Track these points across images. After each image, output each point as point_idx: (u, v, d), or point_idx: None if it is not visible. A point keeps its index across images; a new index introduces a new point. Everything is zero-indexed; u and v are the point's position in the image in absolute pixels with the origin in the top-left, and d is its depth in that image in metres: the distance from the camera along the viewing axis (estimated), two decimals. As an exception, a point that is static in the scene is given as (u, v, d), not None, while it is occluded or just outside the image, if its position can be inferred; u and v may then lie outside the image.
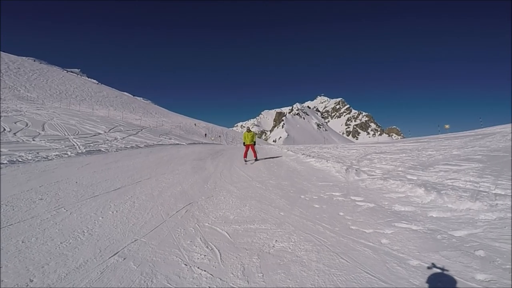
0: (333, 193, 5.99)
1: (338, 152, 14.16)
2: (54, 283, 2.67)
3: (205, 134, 43.45)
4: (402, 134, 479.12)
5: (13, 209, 4.62)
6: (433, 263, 2.91)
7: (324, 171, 8.75)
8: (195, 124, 40.13)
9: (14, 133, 14.62)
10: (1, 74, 50.70)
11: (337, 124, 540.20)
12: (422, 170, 7.25)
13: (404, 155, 10.50)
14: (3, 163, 8.35)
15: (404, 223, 4.04)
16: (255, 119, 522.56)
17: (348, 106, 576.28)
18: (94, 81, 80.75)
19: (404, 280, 2.68)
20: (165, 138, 24.98)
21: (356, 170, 7.94)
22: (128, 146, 15.92)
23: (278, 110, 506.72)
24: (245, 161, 11.96)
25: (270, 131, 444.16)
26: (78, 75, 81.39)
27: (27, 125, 17.77)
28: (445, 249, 3.18)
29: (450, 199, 4.68)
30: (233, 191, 6.55)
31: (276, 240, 3.69)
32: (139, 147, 16.65)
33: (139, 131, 25.30)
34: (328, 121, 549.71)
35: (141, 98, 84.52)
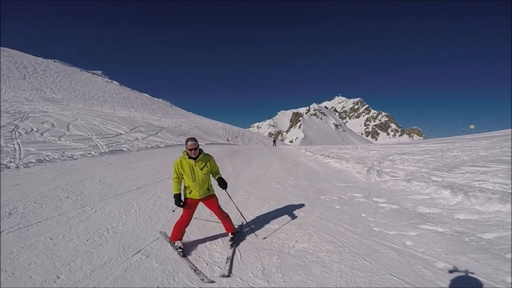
0: (354, 194, 5.88)
1: (358, 153, 13.89)
2: (80, 280, 2.75)
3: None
4: (424, 135, 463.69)
5: (41, 207, 4.82)
6: (461, 266, 2.80)
7: (344, 172, 8.61)
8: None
9: (42, 133, 15.33)
10: (25, 76, 53.13)
11: (356, 125, 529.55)
12: (447, 171, 6.98)
13: (427, 156, 10.15)
14: (31, 162, 8.78)
15: (430, 225, 3.91)
16: (271, 119, 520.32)
17: (367, 106, 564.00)
18: (116, 82, 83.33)
19: (430, 283, 2.59)
20: (184, 138, 25.39)
21: (377, 171, 7.76)
22: (148, 146, 16.31)
23: (294, 110, 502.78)
24: (178, 249, 3.48)
25: (287, 131, 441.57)
26: (100, 77, 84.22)
27: (53, 125, 18.58)
28: (474, 251, 3.05)
29: (478, 201, 4.48)
30: (252, 191, 6.56)
31: (296, 241, 3.67)
32: (159, 147, 17.01)
33: (158, 131, 25.87)
34: (346, 122, 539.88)
35: (160, 99, 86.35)
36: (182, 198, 3.59)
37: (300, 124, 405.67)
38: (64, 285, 2.66)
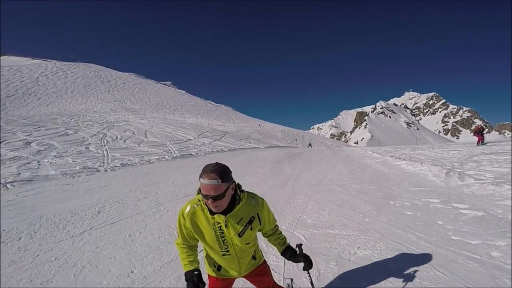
0: (430, 200, 5.27)
1: (434, 153, 12.45)
2: (149, 275, 3.01)
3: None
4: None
5: (123, 206, 5.49)
6: None
7: (418, 175, 7.78)
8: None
9: (124, 140, 17.50)
10: (109, 89, 61.24)
11: (432, 122, 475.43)
12: (553, 173, 5.78)
13: (524, 155, 8.57)
14: (117, 166, 10.09)
15: (525, 235, 3.29)
16: (333, 120, 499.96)
17: (444, 101, 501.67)
18: (183, 92, 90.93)
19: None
20: (245, 142, 26.19)
21: (459, 174, 6.83)
22: (214, 150, 17.31)
23: (359, 109, 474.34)
24: None
25: (351, 132, 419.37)
26: (170, 87, 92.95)
27: (133, 133, 21.04)
28: None
29: None
30: (312, 194, 6.40)
31: (358, 247, 3.45)
32: (224, 151, 17.89)
33: (222, 136, 27.18)
34: (420, 119, 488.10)
35: (223, 105, 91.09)
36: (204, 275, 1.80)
37: (366, 124, 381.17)
38: (136, 279, 2.93)
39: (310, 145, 40.75)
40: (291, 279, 2.79)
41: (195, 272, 1.69)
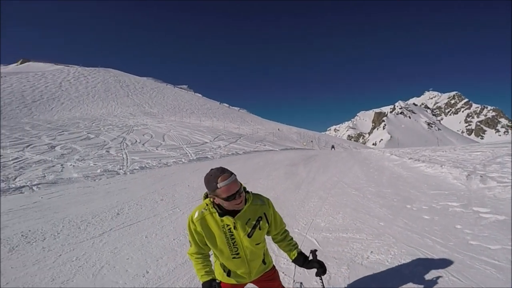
0: (449, 203, 5.11)
1: (456, 155, 12.03)
2: (163, 275, 3.09)
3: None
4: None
5: (141, 208, 5.67)
6: None
7: (437, 178, 7.55)
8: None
9: (143, 144, 17.98)
10: (128, 93, 63.00)
11: (454, 122, 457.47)
12: None
13: (553, 156, 8.13)
14: (136, 169, 10.39)
15: (551, 241, 3.14)
16: (350, 121, 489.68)
17: (466, 100, 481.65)
18: (199, 95, 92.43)
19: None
20: (260, 144, 26.19)
21: (481, 176, 6.58)
22: (229, 153, 17.46)
23: (376, 110, 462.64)
24: None
25: (369, 133, 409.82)
26: (187, 91, 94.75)
27: (152, 136, 21.58)
28: None
29: None
30: (326, 197, 6.34)
31: (371, 252, 3.40)
32: (239, 153, 18.00)
33: (238, 139, 27.32)
34: (442, 119, 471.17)
35: (238, 108, 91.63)
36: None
37: (385, 125, 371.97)
38: (151, 279, 3.03)
39: (332, 147, 41.18)
40: (301, 283, 2.79)
41: (217, 281, 1.72)
